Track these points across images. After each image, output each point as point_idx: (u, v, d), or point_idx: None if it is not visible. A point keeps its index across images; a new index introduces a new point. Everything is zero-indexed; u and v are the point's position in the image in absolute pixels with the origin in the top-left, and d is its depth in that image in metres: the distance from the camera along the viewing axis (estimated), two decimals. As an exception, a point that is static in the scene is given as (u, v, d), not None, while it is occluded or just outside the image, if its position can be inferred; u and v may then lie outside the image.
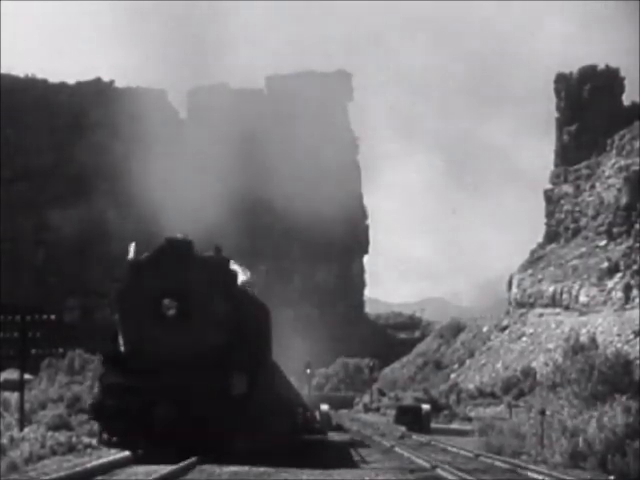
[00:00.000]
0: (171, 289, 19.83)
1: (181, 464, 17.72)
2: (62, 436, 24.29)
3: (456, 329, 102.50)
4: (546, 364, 59.91)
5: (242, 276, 23.21)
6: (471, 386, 77.78)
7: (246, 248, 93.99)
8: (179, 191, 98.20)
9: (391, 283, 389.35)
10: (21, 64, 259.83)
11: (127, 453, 19.84)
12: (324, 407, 44.23)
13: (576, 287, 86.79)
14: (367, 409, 70.88)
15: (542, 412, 28.14)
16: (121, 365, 19.88)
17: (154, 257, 20.31)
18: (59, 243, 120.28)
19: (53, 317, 32.40)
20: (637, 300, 79.46)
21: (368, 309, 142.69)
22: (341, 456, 24.59)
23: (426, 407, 50.39)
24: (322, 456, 23.33)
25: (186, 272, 19.92)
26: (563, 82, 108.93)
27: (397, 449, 29.21)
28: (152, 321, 19.74)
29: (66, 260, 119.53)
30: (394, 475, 19.54)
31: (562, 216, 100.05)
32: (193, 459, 18.35)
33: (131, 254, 20.52)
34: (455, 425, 52.79)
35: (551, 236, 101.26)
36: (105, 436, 20.87)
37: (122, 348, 20.05)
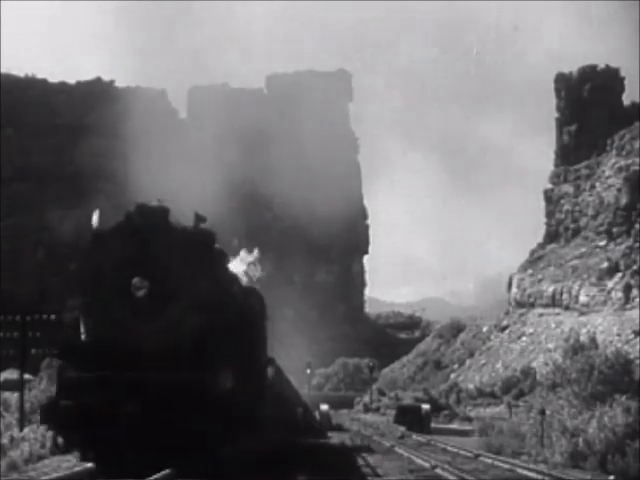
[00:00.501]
0: (142, 265, 16.35)
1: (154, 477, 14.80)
2: (62, 436, 24.25)
3: (456, 329, 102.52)
4: (546, 364, 59.88)
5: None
6: (471, 386, 77.77)
7: (245, 248, 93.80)
8: (179, 191, 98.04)
9: (391, 283, 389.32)
10: (21, 64, 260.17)
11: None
12: (324, 407, 44.28)
13: (576, 287, 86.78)
14: (367, 409, 70.88)
15: (542, 412, 28.20)
16: (81, 357, 16.48)
17: (122, 227, 16.91)
18: (59, 243, 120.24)
19: (53, 317, 32.40)
20: (637, 300, 79.47)
21: (368, 309, 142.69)
22: (347, 467, 22.65)
23: (426, 407, 50.42)
24: (326, 467, 21.33)
25: (160, 245, 16.53)
26: (563, 82, 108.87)
27: (397, 449, 29.24)
28: (118, 304, 16.27)
29: (66, 260, 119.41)
30: None
31: (562, 216, 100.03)
32: (166, 472, 15.39)
33: (95, 223, 17.20)
34: (455, 425, 52.83)
35: (551, 236, 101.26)
36: (60, 442, 17.50)
37: (83, 336, 16.88)
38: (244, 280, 20.77)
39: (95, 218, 17.21)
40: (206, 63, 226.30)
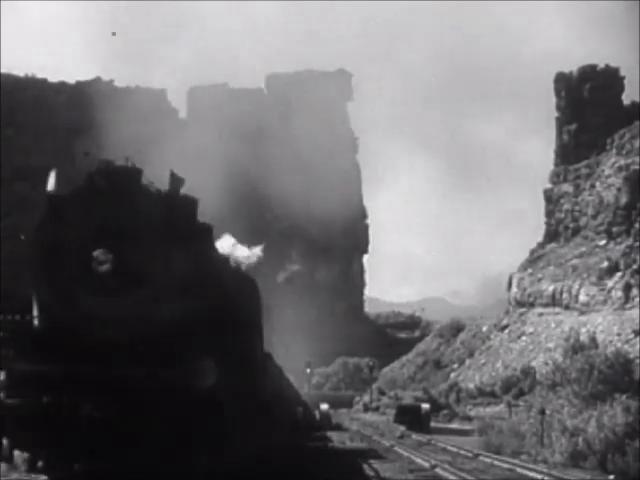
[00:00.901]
0: (106, 235, 13.49)
1: None
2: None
3: (456, 328, 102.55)
4: (546, 363, 59.90)
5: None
6: (471, 385, 77.79)
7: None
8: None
9: (391, 282, 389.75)
10: (21, 64, 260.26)
11: None
12: (324, 406, 44.36)
13: (576, 286, 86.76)
14: (367, 408, 70.91)
15: (542, 411, 28.19)
16: (33, 347, 13.72)
17: (83, 190, 14.07)
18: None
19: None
20: (637, 299, 79.45)
21: (368, 308, 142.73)
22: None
23: (426, 406, 50.44)
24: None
25: (129, 211, 13.61)
26: (563, 81, 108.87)
27: (397, 448, 29.25)
28: (77, 282, 13.46)
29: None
30: None
31: (562, 215, 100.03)
32: None
33: (51, 186, 14.36)
34: (455, 424, 52.85)
35: (551, 235, 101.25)
36: (8, 447, 14.49)
37: (35, 321, 14.32)
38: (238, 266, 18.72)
39: (51, 181, 14.34)
40: (206, 63, 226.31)
